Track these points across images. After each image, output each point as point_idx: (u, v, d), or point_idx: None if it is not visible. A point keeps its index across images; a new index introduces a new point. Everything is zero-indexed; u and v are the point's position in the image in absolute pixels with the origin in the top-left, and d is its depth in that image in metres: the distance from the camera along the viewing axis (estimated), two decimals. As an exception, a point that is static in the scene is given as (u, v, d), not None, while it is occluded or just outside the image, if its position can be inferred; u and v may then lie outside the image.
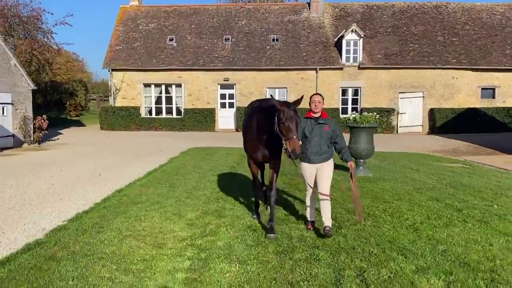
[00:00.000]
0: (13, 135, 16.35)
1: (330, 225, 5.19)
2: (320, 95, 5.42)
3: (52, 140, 19.50)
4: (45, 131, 17.93)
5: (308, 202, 5.55)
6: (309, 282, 3.92)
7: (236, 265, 4.27)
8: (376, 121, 10.04)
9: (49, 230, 5.62)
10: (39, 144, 17.29)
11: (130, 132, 24.22)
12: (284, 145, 4.90)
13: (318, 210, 5.46)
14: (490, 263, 4.40)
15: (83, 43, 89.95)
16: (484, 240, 5.13)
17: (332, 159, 5.39)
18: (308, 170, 5.37)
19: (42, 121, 17.34)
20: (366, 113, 9.96)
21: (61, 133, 22.73)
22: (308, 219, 5.58)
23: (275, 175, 5.51)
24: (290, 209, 6.56)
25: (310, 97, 5.42)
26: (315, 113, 5.32)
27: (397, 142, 19.91)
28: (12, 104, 16.33)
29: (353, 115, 9.90)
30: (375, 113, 10.36)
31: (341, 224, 5.73)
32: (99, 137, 20.92)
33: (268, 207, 5.66)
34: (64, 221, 6.00)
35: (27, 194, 7.96)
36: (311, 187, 5.36)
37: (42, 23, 27.25)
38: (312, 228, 5.50)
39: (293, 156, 4.78)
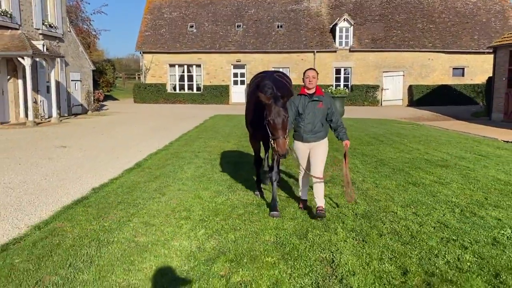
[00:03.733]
0: (81, 105, 21.61)
1: (323, 205, 5.05)
2: (315, 70, 5.10)
3: (103, 109, 24.75)
4: (101, 102, 23.13)
5: (300, 182, 5.37)
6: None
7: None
8: (345, 93, 15.15)
9: (161, 147, 10.79)
10: (98, 111, 22.52)
11: (160, 104, 29.44)
12: (271, 143, 4.72)
13: (311, 187, 5.39)
14: (378, 155, 9.57)
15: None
16: (382, 149, 10.31)
17: (326, 138, 5.19)
18: (301, 149, 5.13)
19: (100, 94, 22.51)
20: (339, 88, 15.10)
21: (105, 105, 27.98)
22: (301, 198, 5.45)
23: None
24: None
25: (304, 72, 5.05)
26: (309, 89, 5.01)
27: (377, 112, 24.85)
28: (80, 81, 21.53)
29: (329, 89, 14.99)
30: (345, 88, 15.50)
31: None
32: (139, 108, 26.15)
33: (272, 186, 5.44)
34: (164, 145, 11.19)
35: (123, 139, 13.13)
36: (304, 169, 5.18)
37: (82, 11, 32.14)
38: (303, 208, 5.32)
39: (280, 158, 4.62)
